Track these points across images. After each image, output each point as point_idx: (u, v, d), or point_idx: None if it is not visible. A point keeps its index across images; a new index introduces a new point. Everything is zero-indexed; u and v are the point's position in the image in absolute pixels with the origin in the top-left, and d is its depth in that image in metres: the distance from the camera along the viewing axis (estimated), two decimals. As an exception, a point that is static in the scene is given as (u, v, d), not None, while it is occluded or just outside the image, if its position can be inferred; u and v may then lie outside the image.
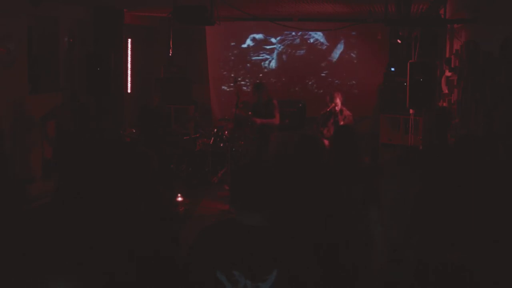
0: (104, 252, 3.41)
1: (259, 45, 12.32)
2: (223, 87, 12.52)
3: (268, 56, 12.31)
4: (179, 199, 8.01)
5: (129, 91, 11.39)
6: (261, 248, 2.51)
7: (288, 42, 12.18)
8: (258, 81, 10.55)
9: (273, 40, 12.21)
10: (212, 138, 9.94)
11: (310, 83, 12.18)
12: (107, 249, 3.48)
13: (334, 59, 11.98)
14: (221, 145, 9.80)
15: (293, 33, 12.03)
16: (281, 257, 2.50)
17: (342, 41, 11.88)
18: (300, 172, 3.91)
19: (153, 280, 3.65)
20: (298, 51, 12.12)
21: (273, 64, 12.27)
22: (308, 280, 2.55)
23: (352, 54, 11.94)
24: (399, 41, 9.25)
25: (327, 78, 12.06)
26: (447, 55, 8.35)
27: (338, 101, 9.24)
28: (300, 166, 3.91)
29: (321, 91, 11.95)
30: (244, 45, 12.39)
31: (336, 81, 11.97)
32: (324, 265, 3.01)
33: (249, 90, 10.77)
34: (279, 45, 12.21)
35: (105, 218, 3.63)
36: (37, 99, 8.05)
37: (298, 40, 12.13)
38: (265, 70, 12.31)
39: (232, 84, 11.61)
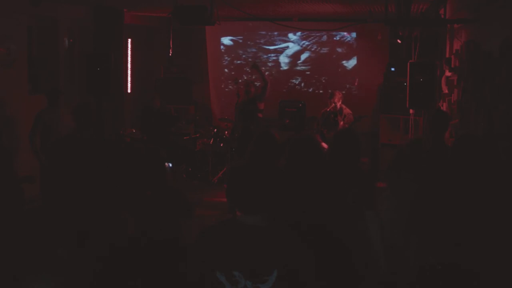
0: (105, 252, 3.42)
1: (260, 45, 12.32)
2: (224, 87, 12.52)
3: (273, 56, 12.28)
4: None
5: (129, 91, 11.39)
6: (261, 248, 2.51)
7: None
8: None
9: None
10: (212, 138, 9.95)
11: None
12: (108, 248, 3.48)
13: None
14: (221, 145, 9.81)
15: (297, 34, 11.98)
16: (281, 257, 2.50)
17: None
18: (297, 173, 3.91)
19: (153, 280, 3.65)
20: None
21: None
22: (307, 280, 2.55)
23: (349, 55, 11.95)
24: (399, 41, 9.25)
25: (328, 79, 12.07)
26: (447, 55, 8.35)
27: (338, 100, 9.25)
28: (297, 167, 3.91)
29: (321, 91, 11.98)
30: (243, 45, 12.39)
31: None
32: (324, 266, 3.01)
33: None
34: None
35: (112, 216, 3.65)
36: (37, 99, 8.04)
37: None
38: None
39: (230, 81, 11.65)
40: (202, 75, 12.44)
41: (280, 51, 12.18)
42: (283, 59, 12.20)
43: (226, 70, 12.46)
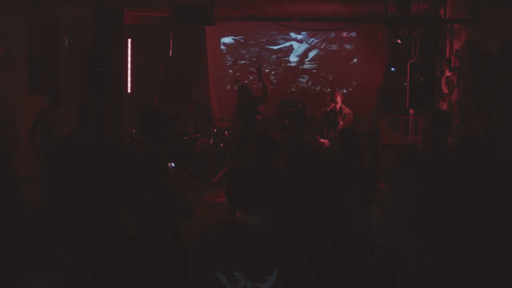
0: (105, 252, 3.41)
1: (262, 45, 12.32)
2: (224, 87, 12.52)
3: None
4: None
5: (129, 91, 11.39)
6: (261, 248, 2.51)
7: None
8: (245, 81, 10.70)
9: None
10: (212, 138, 9.96)
11: (304, 81, 12.16)
12: (108, 249, 3.48)
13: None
14: (221, 145, 9.81)
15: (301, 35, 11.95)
16: (281, 257, 2.50)
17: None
18: (297, 173, 3.91)
19: (153, 280, 3.65)
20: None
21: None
22: (307, 280, 2.55)
23: (351, 54, 11.94)
24: (399, 41, 9.25)
25: (326, 77, 12.07)
26: (447, 55, 8.35)
27: (338, 100, 9.26)
28: (293, 169, 3.92)
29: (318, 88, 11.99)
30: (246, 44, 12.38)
31: (330, 77, 11.95)
32: (323, 265, 3.01)
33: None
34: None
35: (113, 216, 3.65)
36: (37, 99, 8.04)
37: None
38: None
39: (234, 82, 11.65)
40: (202, 75, 12.44)
41: (285, 50, 12.17)
42: (291, 58, 12.19)
43: (230, 71, 12.44)
